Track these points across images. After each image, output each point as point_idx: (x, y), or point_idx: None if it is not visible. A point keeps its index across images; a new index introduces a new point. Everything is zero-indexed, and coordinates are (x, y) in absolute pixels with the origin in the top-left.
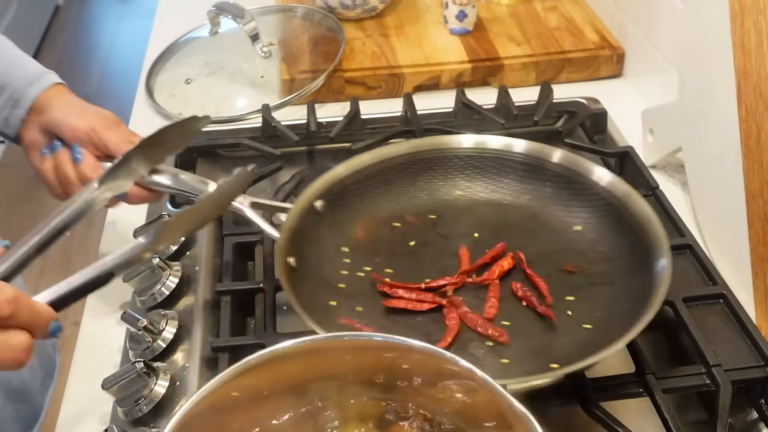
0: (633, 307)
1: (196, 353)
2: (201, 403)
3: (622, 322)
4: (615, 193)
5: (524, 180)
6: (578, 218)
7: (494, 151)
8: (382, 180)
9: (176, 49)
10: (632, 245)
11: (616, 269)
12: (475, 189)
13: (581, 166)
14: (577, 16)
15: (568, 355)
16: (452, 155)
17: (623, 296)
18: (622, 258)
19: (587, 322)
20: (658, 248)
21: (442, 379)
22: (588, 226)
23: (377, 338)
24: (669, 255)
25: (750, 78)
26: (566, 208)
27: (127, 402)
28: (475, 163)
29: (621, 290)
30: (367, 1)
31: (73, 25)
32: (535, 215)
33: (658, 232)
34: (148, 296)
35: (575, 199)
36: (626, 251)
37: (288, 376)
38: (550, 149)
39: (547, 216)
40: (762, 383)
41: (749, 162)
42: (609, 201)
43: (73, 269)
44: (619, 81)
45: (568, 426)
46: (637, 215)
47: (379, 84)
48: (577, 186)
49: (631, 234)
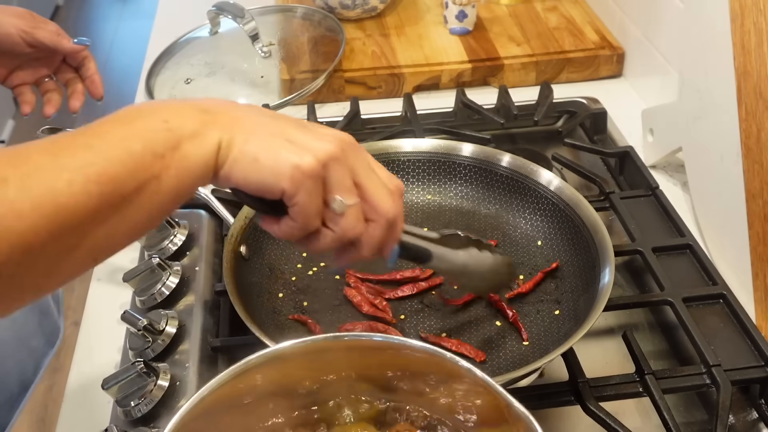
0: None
1: (196, 353)
2: (201, 403)
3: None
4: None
5: (485, 187)
6: (540, 232)
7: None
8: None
9: (176, 49)
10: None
11: (565, 288)
12: (445, 195)
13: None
14: (577, 16)
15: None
16: (413, 159)
17: (567, 316)
18: (573, 276)
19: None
20: (603, 258)
21: (442, 379)
22: (548, 242)
23: (377, 338)
24: (612, 265)
25: (750, 78)
26: (529, 221)
27: (127, 402)
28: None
29: (567, 308)
30: (367, 1)
31: (73, 25)
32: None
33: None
34: (148, 296)
35: (536, 210)
36: (578, 268)
37: (288, 376)
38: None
39: (512, 227)
40: (762, 383)
41: (749, 162)
42: (561, 208)
43: None
44: (619, 81)
45: (568, 426)
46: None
47: (379, 84)
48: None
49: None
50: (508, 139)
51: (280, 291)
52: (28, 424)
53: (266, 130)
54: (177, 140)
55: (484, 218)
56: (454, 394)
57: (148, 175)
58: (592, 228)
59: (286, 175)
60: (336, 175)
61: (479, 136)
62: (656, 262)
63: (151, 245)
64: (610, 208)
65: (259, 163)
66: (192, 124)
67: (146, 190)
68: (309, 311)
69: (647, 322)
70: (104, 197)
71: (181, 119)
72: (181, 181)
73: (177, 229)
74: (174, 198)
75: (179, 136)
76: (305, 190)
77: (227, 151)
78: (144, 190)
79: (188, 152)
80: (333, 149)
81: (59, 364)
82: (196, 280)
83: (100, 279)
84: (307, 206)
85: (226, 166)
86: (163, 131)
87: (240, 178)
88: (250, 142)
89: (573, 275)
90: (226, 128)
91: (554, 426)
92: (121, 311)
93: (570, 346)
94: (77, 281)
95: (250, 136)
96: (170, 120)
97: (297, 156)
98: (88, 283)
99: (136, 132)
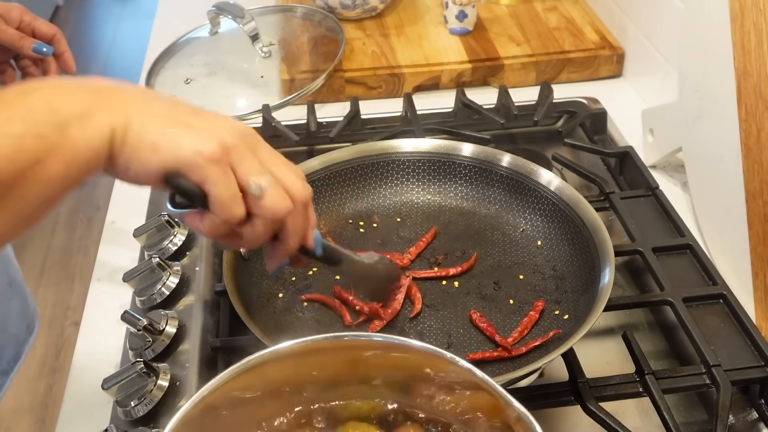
0: (573, 327)
1: (196, 353)
2: (201, 403)
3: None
4: (564, 199)
5: (473, 184)
6: (541, 233)
7: (446, 156)
8: (349, 179)
9: (176, 49)
10: (586, 266)
11: (565, 288)
12: (445, 195)
13: (532, 170)
14: (577, 16)
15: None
16: (412, 159)
17: (569, 316)
18: (573, 276)
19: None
20: (603, 258)
21: (442, 379)
22: (548, 242)
23: (377, 338)
24: (612, 265)
25: (750, 78)
26: (529, 221)
27: (127, 402)
28: (434, 166)
29: (567, 308)
30: (367, 1)
31: (73, 25)
32: (496, 225)
33: (605, 242)
34: (148, 296)
35: (536, 211)
36: (578, 272)
37: (288, 376)
38: (502, 154)
39: (512, 227)
40: (762, 383)
41: (749, 162)
42: (561, 208)
43: (73, 268)
44: (619, 81)
45: (568, 426)
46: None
47: (379, 84)
48: (526, 190)
49: (587, 253)
50: (508, 139)
51: (280, 291)
52: (28, 424)
53: (163, 114)
54: (62, 121)
55: (484, 218)
56: (455, 395)
57: (31, 160)
58: (592, 228)
59: (188, 161)
60: (242, 159)
61: (479, 136)
62: (656, 262)
63: (151, 245)
64: (610, 208)
65: (158, 150)
66: (79, 105)
67: (29, 177)
68: (309, 311)
69: (647, 322)
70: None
71: (68, 100)
72: (69, 166)
73: (177, 229)
74: (62, 185)
75: (65, 117)
76: (213, 176)
77: (123, 137)
78: (26, 176)
79: (76, 135)
80: (232, 134)
81: (59, 364)
82: (196, 280)
83: (100, 279)
84: (220, 193)
85: (124, 155)
86: (47, 111)
87: (140, 168)
88: (147, 127)
89: (573, 275)
90: (119, 111)
91: (554, 426)
92: (121, 311)
93: (570, 347)
94: (77, 281)
95: (147, 121)
96: (55, 100)
97: (198, 142)
98: (88, 283)
99: (17, 112)
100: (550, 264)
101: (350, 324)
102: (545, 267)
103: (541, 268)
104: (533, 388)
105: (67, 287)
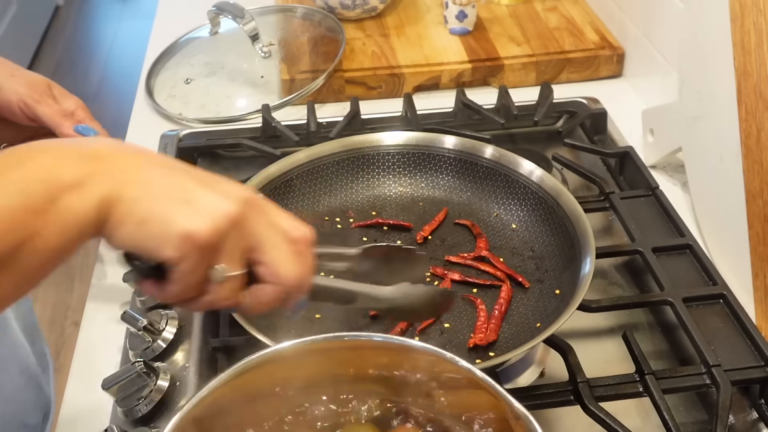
0: (558, 306)
1: (196, 353)
2: (201, 404)
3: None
4: (547, 190)
5: (459, 176)
6: (515, 216)
7: (426, 148)
8: (322, 176)
9: (176, 49)
10: (564, 245)
11: (546, 267)
12: (416, 185)
13: (512, 161)
14: (577, 16)
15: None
16: (386, 152)
17: (549, 295)
18: (552, 257)
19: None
20: (584, 248)
21: (442, 379)
22: (523, 224)
23: (377, 338)
24: (593, 254)
25: (750, 78)
26: (504, 205)
27: (127, 402)
28: (409, 159)
29: (549, 288)
30: (367, 1)
31: (73, 25)
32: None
33: (587, 231)
34: (148, 296)
35: (511, 196)
36: (557, 250)
37: (288, 376)
38: (482, 145)
39: (485, 214)
40: (762, 383)
41: (749, 162)
42: (543, 198)
43: (73, 268)
44: (619, 81)
45: (568, 426)
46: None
47: (379, 84)
48: (510, 182)
49: (564, 233)
50: (508, 140)
51: None
52: None
53: (161, 185)
54: (56, 192)
55: (456, 206)
56: (455, 394)
57: (25, 234)
58: (574, 218)
59: (174, 243)
60: (230, 243)
61: (479, 136)
62: (656, 262)
63: None
64: (610, 208)
65: (146, 226)
66: (73, 173)
67: (23, 250)
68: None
69: (647, 322)
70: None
71: (61, 167)
72: (64, 237)
73: None
74: (57, 256)
75: (58, 187)
76: (191, 260)
77: (112, 209)
78: (21, 251)
79: (69, 205)
80: (234, 211)
81: (59, 364)
82: None
83: (100, 279)
84: (188, 276)
85: (109, 225)
86: (40, 182)
87: (124, 240)
88: (140, 201)
89: (552, 254)
90: (114, 180)
91: (554, 426)
92: (121, 311)
93: (563, 323)
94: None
95: (141, 195)
96: (48, 168)
97: (190, 222)
98: (88, 283)
99: (10, 183)
100: (527, 245)
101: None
102: (523, 249)
103: (519, 250)
104: (533, 388)
105: (67, 287)
